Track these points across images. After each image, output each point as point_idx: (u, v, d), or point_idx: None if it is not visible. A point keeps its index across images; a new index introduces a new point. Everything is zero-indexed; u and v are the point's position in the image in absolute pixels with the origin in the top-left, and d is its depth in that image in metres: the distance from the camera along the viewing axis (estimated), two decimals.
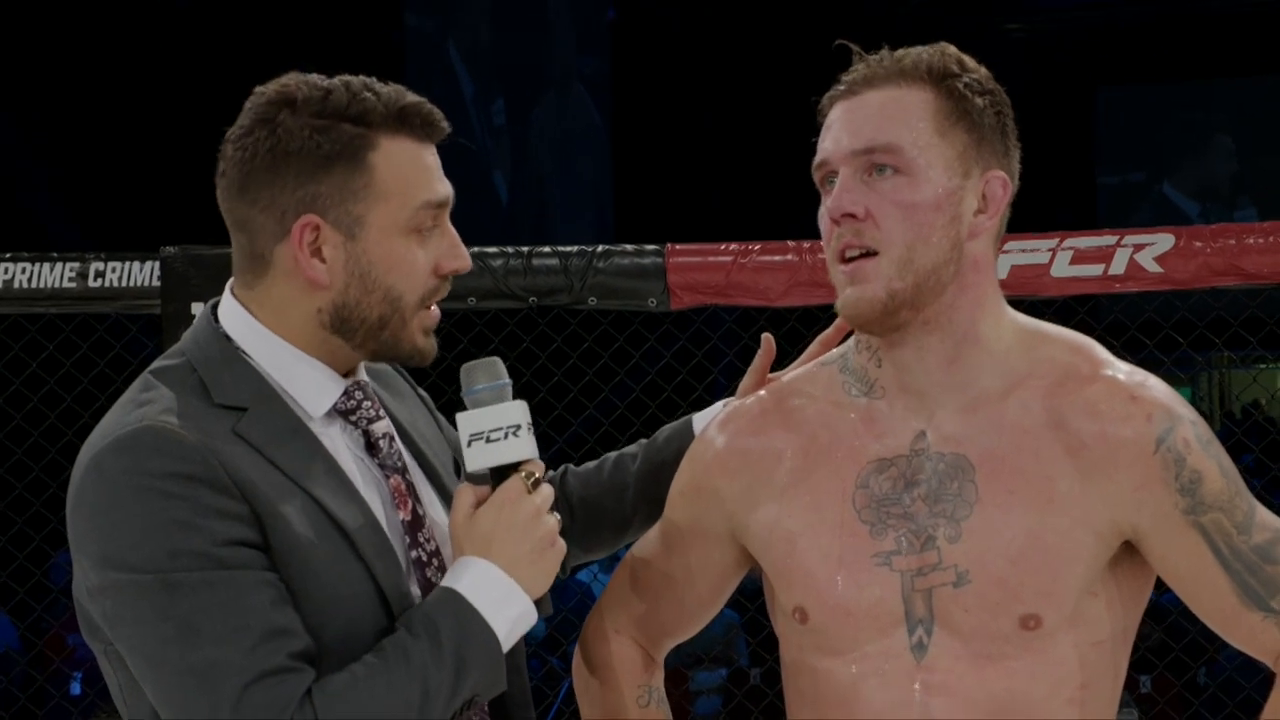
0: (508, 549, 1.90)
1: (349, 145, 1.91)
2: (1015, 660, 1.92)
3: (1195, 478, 1.93)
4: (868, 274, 1.93)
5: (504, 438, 1.93)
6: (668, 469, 2.22)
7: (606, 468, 2.30)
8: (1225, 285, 3.38)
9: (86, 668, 6.56)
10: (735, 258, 3.52)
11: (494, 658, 1.88)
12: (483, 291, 3.58)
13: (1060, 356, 1.98)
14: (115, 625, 1.84)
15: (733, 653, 6.61)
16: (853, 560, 1.95)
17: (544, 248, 3.62)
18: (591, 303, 3.59)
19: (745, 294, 3.53)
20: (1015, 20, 14.58)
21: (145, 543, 1.81)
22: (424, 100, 1.96)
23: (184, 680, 1.80)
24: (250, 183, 1.92)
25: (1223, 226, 3.39)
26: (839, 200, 1.93)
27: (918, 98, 1.95)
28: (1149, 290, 3.41)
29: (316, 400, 1.95)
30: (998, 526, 1.92)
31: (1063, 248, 3.42)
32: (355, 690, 1.82)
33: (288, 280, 1.94)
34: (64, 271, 3.70)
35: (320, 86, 1.92)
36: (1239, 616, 1.93)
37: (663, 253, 3.55)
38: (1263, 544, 1.93)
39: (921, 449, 1.97)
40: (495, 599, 1.89)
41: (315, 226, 1.91)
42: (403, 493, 1.98)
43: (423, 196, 1.94)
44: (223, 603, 1.81)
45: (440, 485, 2.06)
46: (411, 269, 1.94)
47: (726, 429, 2.10)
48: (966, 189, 1.95)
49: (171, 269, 3.56)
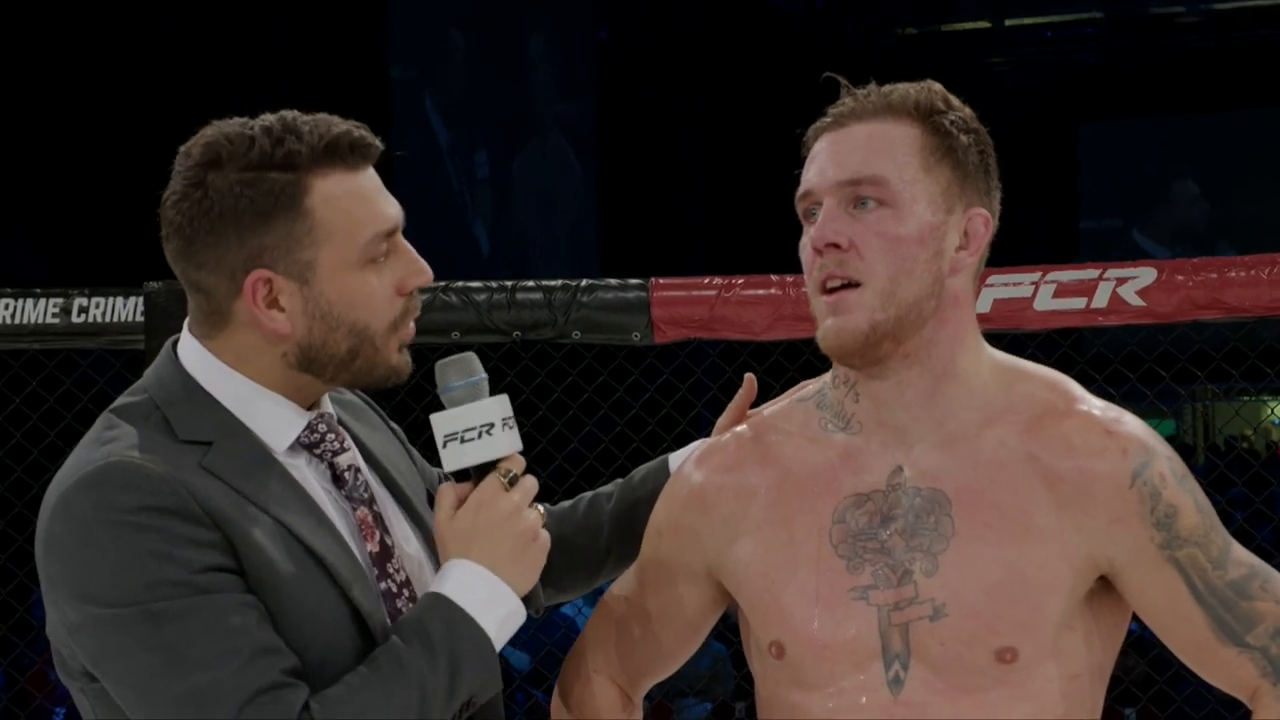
0: (489, 548, 1.90)
1: (283, 195, 1.89)
2: (991, 693, 1.92)
3: (1171, 512, 1.93)
4: (850, 305, 1.93)
5: (477, 437, 1.92)
6: (643, 508, 2.22)
7: (581, 507, 2.30)
8: (1207, 319, 3.39)
9: (69, 703, 6.53)
10: (719, 292, 3.52)
11: (487, 658, 1.88)
12: (466, 326, 3.58)
13: (1037, 393, 1.99)
14: (100, 662, 1.83)
15: (718, 686, 6.60)
16: (829, 595, 1.95)
17: (528, 282, 3.62)
18: (575, 337, 3.59)
19: (729, 328, 3.53)
20: (1000, 55, 14.64)
21: (122, 577, 1.80)
22: (351, 126, 1.93)
23: (179, 709, 1.79)
24: (193, 248, 1.91)
25: (1205, 260, 3.40)
26: (823, 230, 1.94)
27: (904, 132, 1.96)
28: (1131, 324, 3.42)
29: (279, 435, 1.94)
30: (974, 560, 1.92)
31: (1045, 281, 3.43)
32: (353, 700, 1.82)
33: (249, 331, 1.93)
34: (47, 307, 3.69)
35: (243, 137, 1.90)
36: (1214, 652, 1.93)
37: (647, 287, 3.55)
38: (1238, 580, 1.94)
39: (898, 484, 1.97)
40: (483, 599, 1.89)
41: (267, 280, 1.90)
42: (369, 524, 1.97)
43: (370, 229, 1.92)
44: (207, 627, 1.80)
45: (415, 514, 2.05)
46: (371, 300, 1.93)
47: (703, 466, 2.10)
48: (949, 225, 1.96)
49: (155, 304, 3.55)
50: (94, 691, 1.87)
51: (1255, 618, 1.93)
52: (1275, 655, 1.93)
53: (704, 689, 6.57)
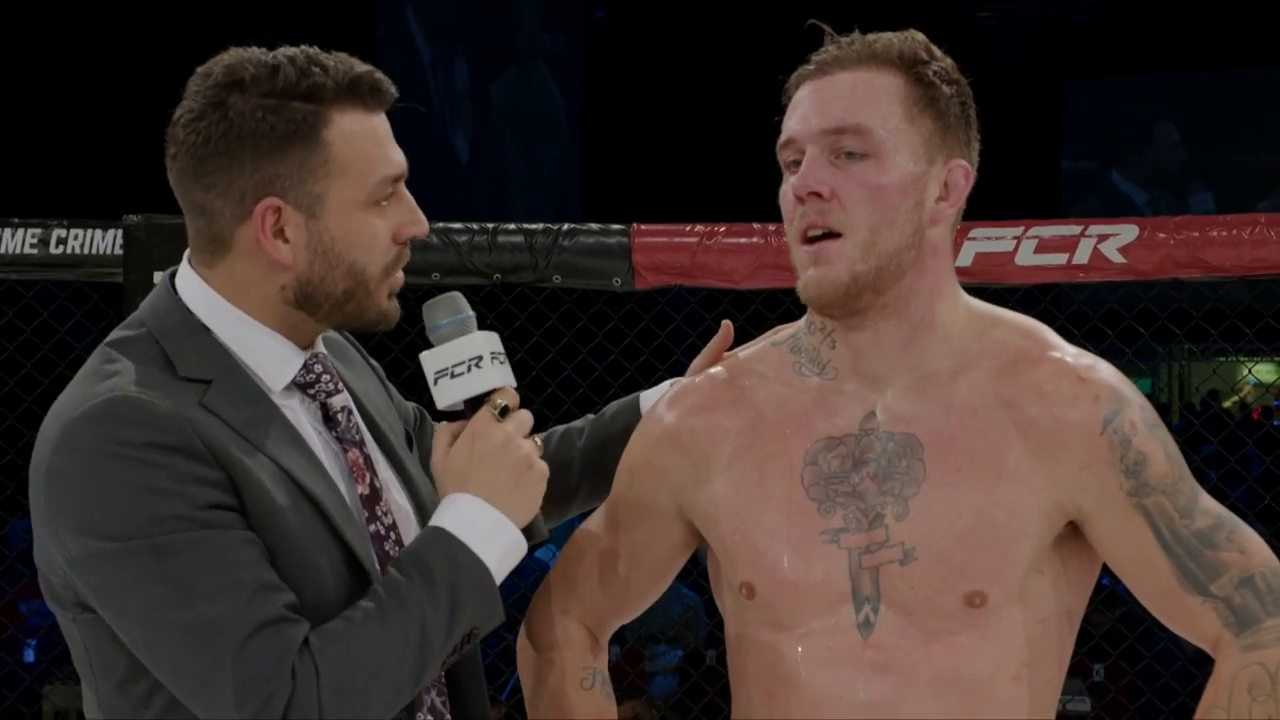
0: (485, 480, 1.91)
1: (303, 124, 1.89)
2: (960, 637, 1.94)
3: (1140, 459, 1.94)
4: (831, 256, 1.94)
5: (466, 370, 1.92)
6: (614, 444, 2.23)
7: (553, 442, 2.31)
8: (1187, 277, 3.40)
9: (41, 635, 6.54)
10: (701, 239, 3.52)
11: (487, 590, 1.89)
12: (446, 268, 3.57)
13: (1011, 339, 2.00)
14: (103, 595, 1.84)
15: (690, 634, 6.62)
16: (800, 537, 1.96)
17: (509, 225, 3.61)
18: (556, 281, 3.59)
19: (710, 275, 3.53)
20: (987, 9, 14.60)
21: (127, 511, 1.80)
22: (372, 68, 1.94)
23: (183, 639, 1.80)
24: (205, 168, 1.91)
25: (1186, 219, 3.40)
26: (805, 179, 1.94)
27: (888, 82, 1.95)
28: (1112, 280, 3.43)
29: (277, 373, 1.94)
30: (944, 504, 1.94)
31: (1027, 236, 3.43)
32: (352, 633, 1.83)
33: (249, 260, 1.93)
34: (25, 237, 3.68)
35: (267, 64, 1.90)
36: (1178, 599, 1.94)
37: (628, 232, 3.55)
38: (1204, 529, 1.95)
39: (871, 428, 1.98)
40: (482, 531, 1.89)
41: (277, 209, 1.90)
42: (361, 466, 1.98)
43: (381, 171, 1.93)
44: (211, 560, 1.81)
45: (394, 458, 2.06)
46: (373, 242, 1.94)
47: (676, 406, 2.10)
48: (930, 175, 1.96)
49: (134, 237, 3.54)
50: (86, 621, 1.88)
51: (1220, 567, 1.94)
52: (1239, 605, 1.94)
53: (676, 636, 6.59)
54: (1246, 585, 1.94)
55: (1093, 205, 13.70)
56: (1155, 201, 13.80)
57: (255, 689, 1.79)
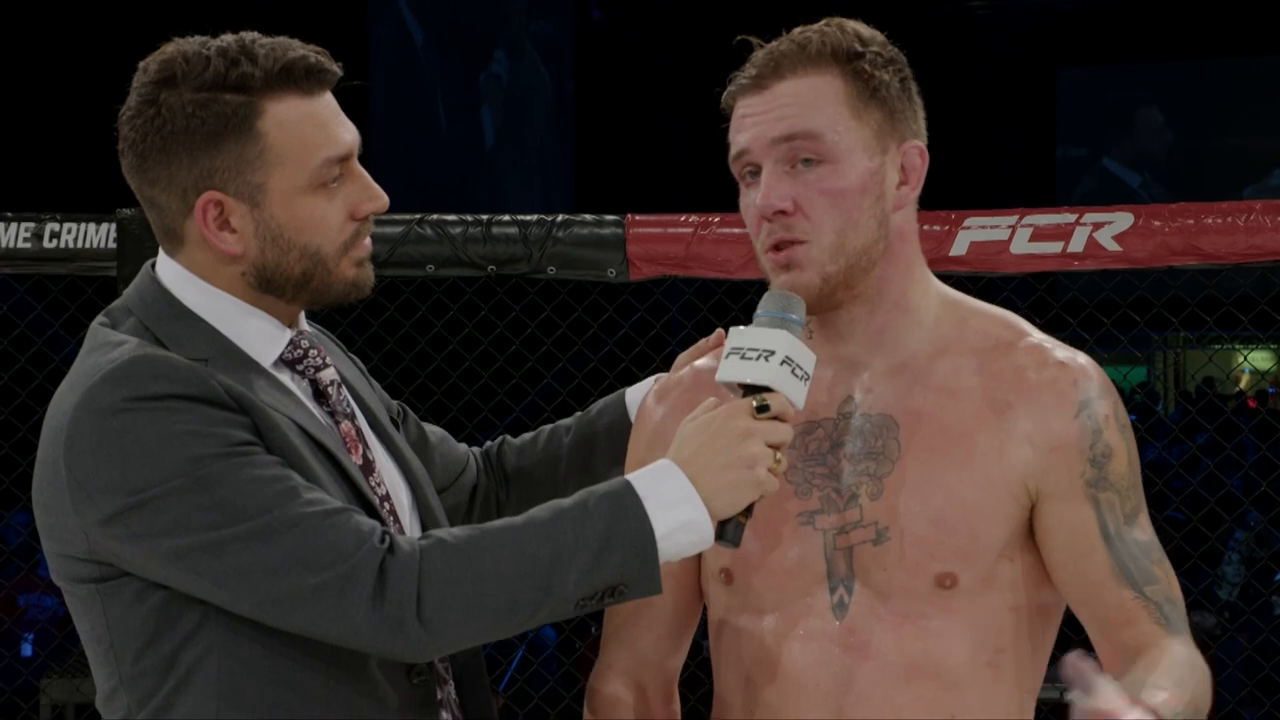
0: (701, 456, 1.87)
1: (234, 117, 1.89)
2: (933, 620, 1.94)
3: (1107, 453, 1.96)
4: (800, 261, 1.95)
5: (756, 358, 1.89)
6: (600, 440, 2.24)
7: (541, 439, 2.32)
8: (1183, 265, 3.39)
9: (39, 629, 6.54)
10: (695, 229, 3.51)
11: (644, 550, 1.84)
12: (441, 259, 3.57)
13: (990, 328, 2.02)
14: (157, 542, 1.82)
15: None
16: (777, 520, 1.97)
17: (503, 216, 3.61)
18: (550, 272, 3.59)
19: (704, 266, 3.53)
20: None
21: (163, 456, 1.81)
22: (307, 51, 1.93)
23: (249, 547, 1.80)
24: (146, 164, 1.92)
25: (1181, 206, 3.40)
26: (768, 198, 1.95)
27: (828, 83, 1.96)
28: (1107, 268, 3.43)
29: (265, 350, 1.96)
30: (917, 483, 1.95)
31: (1022, 225, 3.43)
32: (475, 536, 1.83)
33: (203, 250, 1.94)
34: (19, 231, 3.67)
35: (199, 56, 1.90)
36: (1112, 591, 1.94)
37: (623, 223, 3.55)
38: (1142, 541, 1.96)
39: (848, 412, 2.00)
40: (666, 497, 1.85)
41: (218, 202, 1.91)
42: (353, 438, 1.99)
43: (321, 154, 1.92)
44: (258, 479, 1.81)
45: (383, 433, 2.06)
46: (322, 224, 1.93)
47: (661, 402, 2.12)
48: (887, 164, 1.98)
49: (128, 231, 3.53)
50: (108, 590, 1.88)
51: (1153, 577, 1.95)
52: (1168, 614, 1.94)
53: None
54: (1172, 605, 1.95)
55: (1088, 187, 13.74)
56: (1149, 185, 13.83)
57: (337, 565, 1.78)
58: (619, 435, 2.26)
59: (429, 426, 2.29)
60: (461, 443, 2.35)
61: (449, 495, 2.23)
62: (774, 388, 1.89)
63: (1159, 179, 13.88)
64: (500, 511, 2.33)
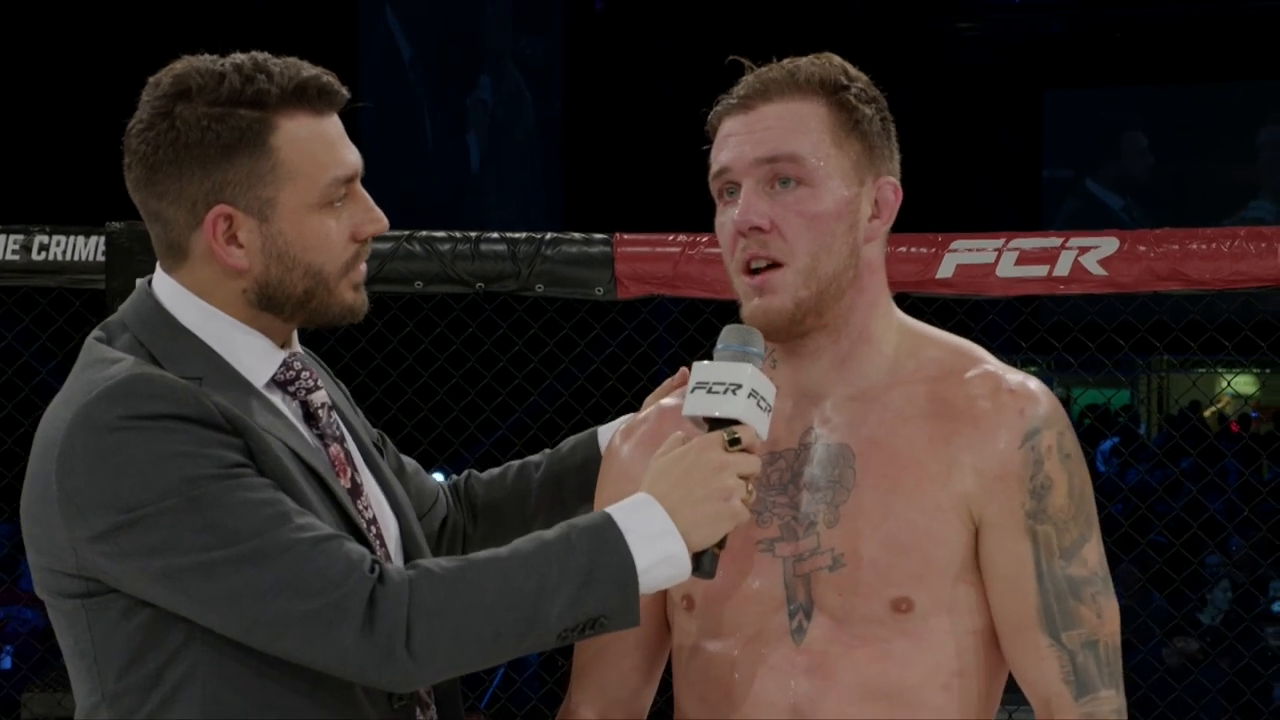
0: (677, 489, 1.90)
1: (248, 131, 1.91)
2: (890, 644, 1.96)
3: (1047, 484, 1.98)
4: (775, 286, 1.99)
5: (722, 392, 1.92)
6: (570, 476, 2.27)
7: (510, 474, 2.33)
8: (1168, 290, 3.41)
9: (19, 641, 6.53)
10: (683, 249, 3.53)
11: (625, 583, 1.86)
12: (429, 276, 3.58)
13: (945, 356, 2.05)
14: (148, 560, 1.83)
15: None
16: (738, 549, 1.99)
17: (492, 234, 3.62)
18: (538, 290, 3.59)
19: (692, 285, 3.54)
20: (967, 20, 14.65)
21: (156, 476, 1.82)
22: (319, 72, 1.95)
23: (239, 572, 1.81)
24: (156, 177, 1.93)
25: (1167, 232, 3.42)
26: (746, 214, 1.98)
27: (813, 110, 2.00)
28: (1092, 293, 3.44)
29: (258, 371, 1.96)
30: (871, 510, 1.97)
31: (1008, 248, 3.44)
32: (462, 567, 1.84)
33: (208, 265, 1.95)
34: (7, 243, 3.67)
35: (213, 73, 1.92)
36: (1030, 635, 1.97)
37: (611, 242, 3.56)
38: (1075, 577, 1.98)
39: (809, 442, 2.03)
40: (646, 531, 1.88)
41: (228, 216, 1.92)
42: (342, 461, 2.00)
43: (330, 173, 1.94)
44: (250, 503, 1.82)
45: (369, 457, 2.08)
46: (327, 242, 1.95)
47: (627, 440, 2.15)
48: (862, 196, 2.02)
49: (117, 244, 3.54)
50: (94, 605, 1.88)
51: (1076, 620, 1.97)
52: (1080, 664, 1.96)
53: None
54: (1091, 648, 1.97)
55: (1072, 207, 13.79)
56: (1130, 208, 13.89)
57: (327, 593, 1.79)
58: (591, 472, 2.28)
59: (405, 458, 2.31)
60: (435, 471, 2.36)
61: (420, 526, 2.24)
62: (742, 420, 1.92)
63: (1141, 202, 13.94)
64: (467, 544, 2.34)
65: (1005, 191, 13.40)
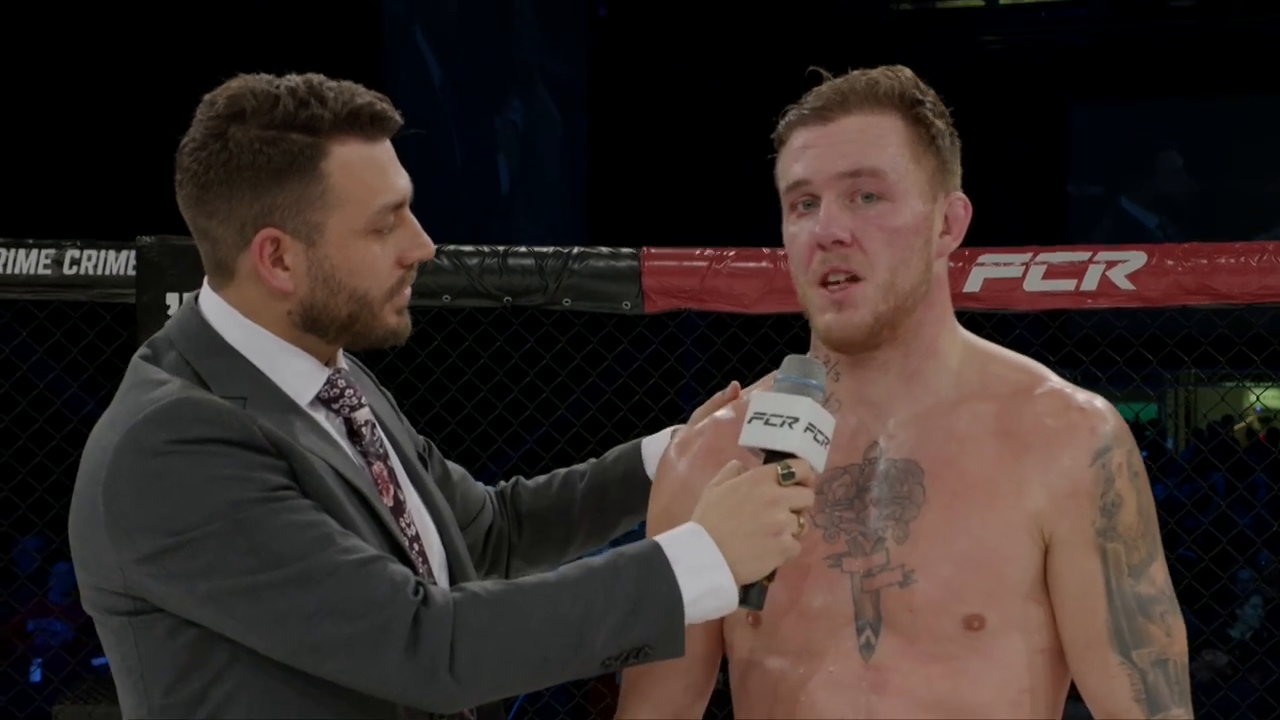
0: (727, 522, 1.89)
1: (300, 156, 1.91)
2: (960, 661, 1.96)
3: (1117, 502, 1.98)
4: (855, 300, 1.97)
5: (780, 425, 1.92)
6: (613, 488, 2.26)
7: (555, 483, 2.33)
8: (1196, 304, 3.40)
9: (49, 654, 6.54)
10: (710, 263, 3.53)
11: (671, 614, 1.87)
12: (457, 290, 3.58)
13: (1011, 374, 2.05)
14: (187, 580, 1.84)
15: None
16: (806, 564, 1.98)
17: (519, 248, 3.62)
18: (566, 304, 3.60)
19: (719, 299, 3.53)
20: (993, 33, 14.64)
21: (202, 500, 1.83)
22: (374, 98, 1.96)
23: (284, 595, 1.81)
24: (206, 196, 1.93)
25: (1194, 246, 3.41)
26: (829, 227, 1.97)
27: (892, 124, 1.99)
28: (1120, 307, 3.43)
29: (302, 389, 1.97)
30: (943, 528, 1.97)
31: (1036, 262, 3.44)
32: (508, 592, 1.85)
33: (254, 285, 1.96)
34: (39, 258, 3.69)
35: (268, 95, 1.92)
36: (1101, 654, 1.97)
37: (638, 256, 3.56)
38: (1145, 595, 1.98)
39: (874, 457, 2.01)
40: (694, 563, 1.88)
41: (275, 239, 1.93)
42: (385, 479, 2.00)
43: (380, 200, 1.95)
44: (295, 525, 1.83)
45: (414, 473, 2.08)
46: (374, 268, 1.96)
47: (684, 454, 2.13)
48: (935, 212, 2.01)
49: (147, 259, 3.55)
50: (141, 623, 1.89)
51: (1146, 638, 1.97)
52: (1151, 683, 1.96)
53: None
54: (1160, 666, 1.97)
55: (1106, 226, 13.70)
56: (1165, 226, 13.81)
57: (371, 615, 1.80)
58: (632, 485, 2.29)
59: (451, 464, 2.31)
60: (479, 482, 2.36)
61: (466, 534, 2.24)
62: (798, 454, 1.91)
63: (1175, 220, 13.85)
64: (512, 553, 2.34)
65: (1029, 208, 13.37)
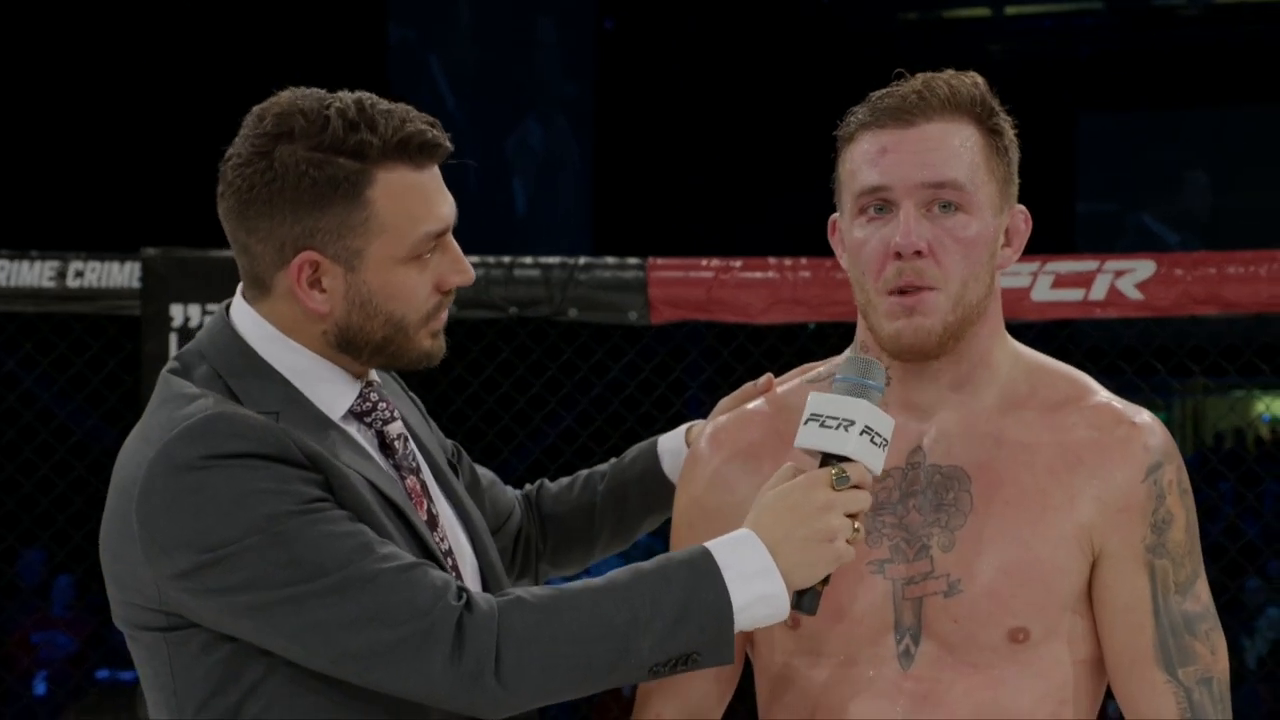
0: (779, 527, 1.87)
1: (345, 181, 1.89)
2: (1001, 671, 1.94)
3: (1168, 519, 1.96)
4: (927, 308, 1.95)
5: (836, 428, 1.88)
6: (633, 487, 2.23)
7: (577, 485, 2.31)
8: (1205, 314, 3.39)
9: (53, 667, 6.54)
10: (716, 273, 3.52)
11: (720, 621, 1.84)
12: (463, 300, 3.54)
13: (1060, 385, 2.02)
14: (226, 595, 1.82)
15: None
16: (847, 567, 1.94)
17: (525, 259, 3.62)
18: (572, 314, 3.59)
19: (725, 310, 3.53)
20: (999, 43, 14.64)
21: (239, 514, 1.81)
22: (425, 125, 1.93)
23: (326, 605, 1.80)
24: (248, 212, 1.92)
25: (1203, 255, 3.40)
26: (909, 238, 1.93)
27: (971, 133, 1.97)
28: (1129, 316, 3.42)
29: (335, 404, 1.95)
30: (991, 537, 1.94)
31: (1044, 272, 3.43)
32: (553, 597, 1.83)
33: (290, 304, 1.94)
34: (43, 270, 3.68)
35: (318, 115, 1.90)
36: (1147, 671, 1.95)
37: (644, 266, 3.55)
38: (1191, 613, 1.97)
39: (917, 462, 1.99)
40: (744, 569, 1.85)
41: (314, 263, 1.91)
42: (418, 493, 1.99)
43: (423, 229, 1.93)
44: (333, 535, 1.82)
45: (447, 485, 2.07)
46: (412, 295, 1.94)
47: (720, 446, 2.09)
48: (1000, 224, 1.99)
49: (152, 270, 3.54)
50: (175, 639, 1.88)
51: (1191, 656, 1.96)
52: (1196, 701, 1.95)
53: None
54: (1205, 685, 1.96)
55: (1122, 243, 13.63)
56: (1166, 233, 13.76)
57: (414, 621, 1.79)
58: (649, 484, 2.26)
59: (481, 469, 2.29)
60: (509, 486, 2.35)
61: (496, 539, 2.23)
62: (854, 458, 1.89)
63: (1177, 229, 13.79)
64: (538, 558, 2.33)
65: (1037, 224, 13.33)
